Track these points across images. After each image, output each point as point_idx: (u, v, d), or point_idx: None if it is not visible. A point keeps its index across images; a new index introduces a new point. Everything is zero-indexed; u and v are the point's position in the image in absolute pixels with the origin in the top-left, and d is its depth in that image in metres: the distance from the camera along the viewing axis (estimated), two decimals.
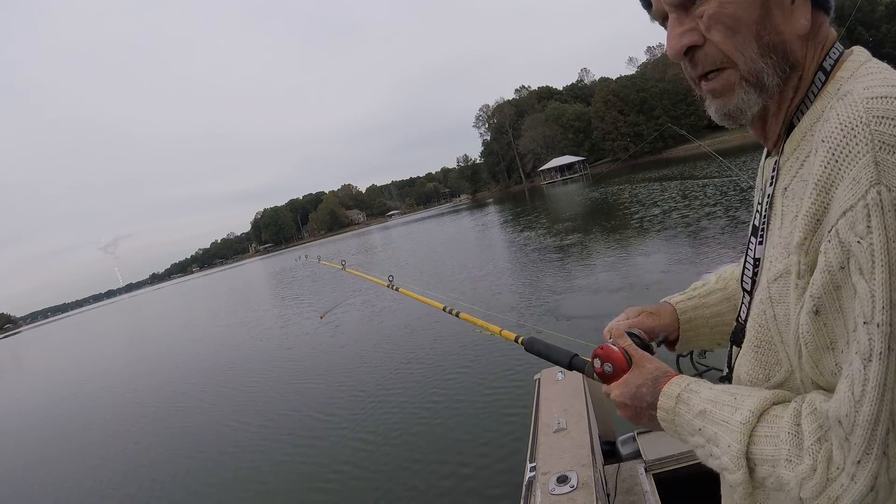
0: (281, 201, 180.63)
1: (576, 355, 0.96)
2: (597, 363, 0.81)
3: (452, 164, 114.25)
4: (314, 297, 16.87)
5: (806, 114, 0.63)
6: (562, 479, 1.44)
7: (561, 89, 79.10)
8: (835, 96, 0.58)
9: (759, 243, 0.70)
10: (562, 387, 2.01)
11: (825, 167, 0.53)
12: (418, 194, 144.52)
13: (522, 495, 1.49)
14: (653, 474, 1.89)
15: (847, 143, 0.51)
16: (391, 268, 18.81)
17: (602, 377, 0.81)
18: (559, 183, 58.34)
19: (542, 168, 66.58)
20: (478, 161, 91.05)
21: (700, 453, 0.66)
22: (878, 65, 0.59)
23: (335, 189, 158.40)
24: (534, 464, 1.57)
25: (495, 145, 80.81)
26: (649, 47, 68.42)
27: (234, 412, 7.09)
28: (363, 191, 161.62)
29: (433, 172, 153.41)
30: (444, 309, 2.33)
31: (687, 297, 0.95)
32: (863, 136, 0.50)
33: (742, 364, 0.70)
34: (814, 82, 0.63)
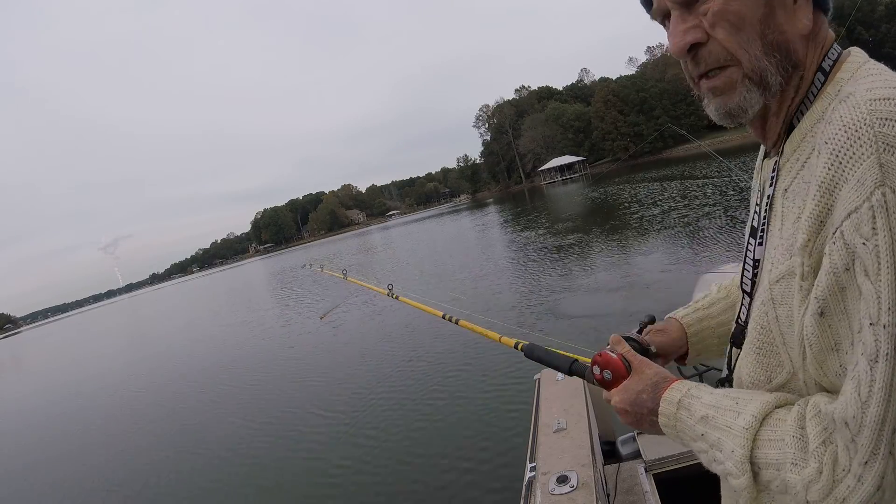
0: (281, 201, 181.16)
1: (575, 361, 0.96)
2: (596, 370, 0.82)
3: (452, 164, 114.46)
4: (314, 296, 16.86)
5: (806, 114, 0.62)
6: (562, 479, 1.43)
7: (561, 89, 79.06)
8: (836, 98, 0.58)
9: (758, 244, 0.70)
10: (562, 387, 2.00)
11: (829, 169, 0.53)
12: (418, 194, 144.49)
13: (522, 495, 1.49)
14: (653, 474, 1.88)
15: (851, 145, 0.51)
16: (392, 268, 18.85)
17: (602, 384, 0.81)
18: (559, 183, 58.34)
19: (542, 168, 66.57)
20: (478, 161, 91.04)
21: (703, 458, 0.66)
22: (876, 66, 0.60)
23: (335, 189, 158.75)
24: (534, 464, 1.57)
25: (495, 145, 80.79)
26: (649, 47, 68.49)
27: (236, 410, 7.11)
28: (363, 191, 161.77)
29: (433, 172, 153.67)
30: (443, 317, 2.35)
31: (692, 311, 0.96)
32: (867, 138, 0.50)
33: (743, 366, 0.69)
34: (813, 83, 0.62)
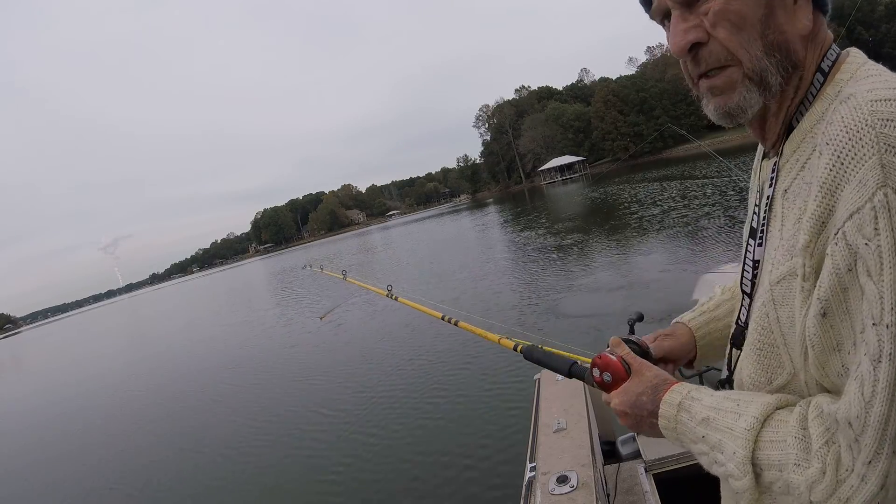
0: (281, 201, 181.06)
1: (575, 363, 0.96)
2: (595, 372, 0.82)
3: (452, 164, 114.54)
4: (314, 297, 16.87)
5: (806, 115, 0.62)
6: (562, 479, 1.43)
7: (561, 89, 79.10)
8: (836, 98, 0.58)
9: (757, 245, 0.70)
10: (562, 387, 2.00)
11: (830, 169, 0.53)
12: (418, 194, 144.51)
13: (522, 495, 1.49)
14: (653, 474, 1.88)
15: (853, 146, 0.51)
16: (391, 268, 18.86)
17: (602, 386, 0.81)
18: (559, 183, 58.35)
19: (542, 168, 66.58)
20: (478, 161, 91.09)
21: (704, 461, 0.66)
22: (875, 67, 0.60)
23: (335, 189, 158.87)
24: (534, 464, 1.57)
25: (495, 145, 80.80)
26: (649, 47, 68.58)
27: (237, 409, 7.12)
28: (363, 191, 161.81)
29: (433, 172, 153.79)
30: (442, 318, 2.35)
31: (698, 314, 0.96)
32: (869, 139, 0.50)
33: (744, 367, 0.69)
34: (812, 83, 0.62)
